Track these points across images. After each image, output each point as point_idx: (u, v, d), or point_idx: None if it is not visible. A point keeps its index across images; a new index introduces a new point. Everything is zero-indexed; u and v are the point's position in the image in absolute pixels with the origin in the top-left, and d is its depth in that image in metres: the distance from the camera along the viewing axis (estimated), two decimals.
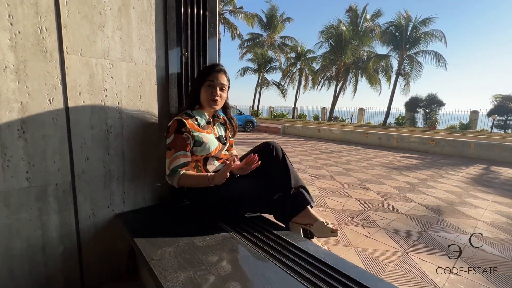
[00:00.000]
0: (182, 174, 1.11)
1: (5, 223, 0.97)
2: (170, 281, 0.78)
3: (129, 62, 1.20)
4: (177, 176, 1.11)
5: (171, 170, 1.12)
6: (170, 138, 1.13)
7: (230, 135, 1.38)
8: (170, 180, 1.14)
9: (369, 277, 0.82)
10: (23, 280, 1.03)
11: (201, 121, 1.21)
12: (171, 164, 1.12)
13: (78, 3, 1.04)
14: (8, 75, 0.92)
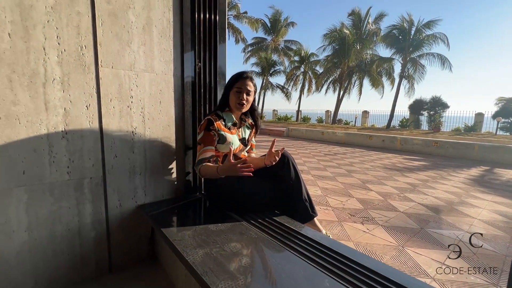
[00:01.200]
0: (203, 165, 1.29)
1: (50, 210, 1.16)
2: (191, 255, 0.94)
3: (151, 73, 1.38)
4: (199, 167, 1.30)
5: (198, 160, 1.31)
6: (201, 134, 1.33)
7: (254, 137, 1.56)
8: (196, 169, 1.34)
9: (358, 254, 0.97)
10: (63, 258, 1.21)
11: (228, 122, 1.39)
12: (199, 156, 1.31)
13: (110, 24, 1.23)
14: (55, 85, 1.11)
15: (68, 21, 1.12)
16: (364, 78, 19.68)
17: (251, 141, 1.57)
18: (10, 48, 1.01)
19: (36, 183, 1.11)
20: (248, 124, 1.54)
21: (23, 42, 1.03)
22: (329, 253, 0.97)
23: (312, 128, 14.23)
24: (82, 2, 1.14)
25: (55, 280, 1.20)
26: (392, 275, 0.83)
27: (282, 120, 21.48)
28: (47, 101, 1.10)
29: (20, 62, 1.03)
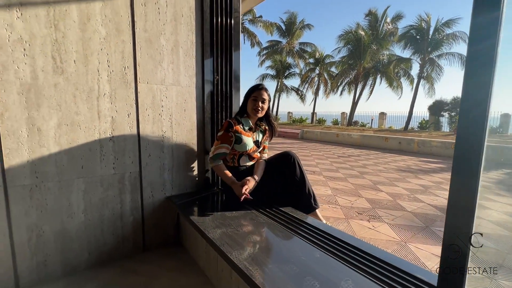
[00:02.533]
0: (219, 164, 1.55)
1: (100, 197, 1.45)
2: (211, 233, 1.19)
3: (177, 86, 1.66)
4: (215, 163, 1.56)
5: (214, 154, 1.57)
6: (220, 132, 1.60)
7: (268, 139, 1.79)
8: (210, 161, 1.60)
9: (358, 241, 1.17)
10: (109, 237, 1.51)
11: (245, 127, 1.65)
12: (215, 150, 1.57)
13: (146, 48, 1.52)
14: (106, 99, 1.41)
15: (115, 48, 1.42)
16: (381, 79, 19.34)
17: (264, 143, 1.80)
18: (75, 71, 1.32)
19: (91, 176, 1.41)
20: (262, 129, 1.77)
21: (83, 66, 1.34)
22: (322, 233, 1.18)
23: (326, 130, 14.22)
24: (126, 32, 1.44)
25: (102, 254, 1.50)
26: (376, 252, 1.03)
27: (297, 122, 21.53)
28: (99, 111, 1.40)
29: (81, 82, 1.34)
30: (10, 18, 1.15)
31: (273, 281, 0.86)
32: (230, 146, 1.60)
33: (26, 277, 1.30)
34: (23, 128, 1.22)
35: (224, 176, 1.59)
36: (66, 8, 1.27)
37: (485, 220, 2.90)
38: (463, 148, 0.66)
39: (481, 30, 0.62)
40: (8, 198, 1.21)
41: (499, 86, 0.62)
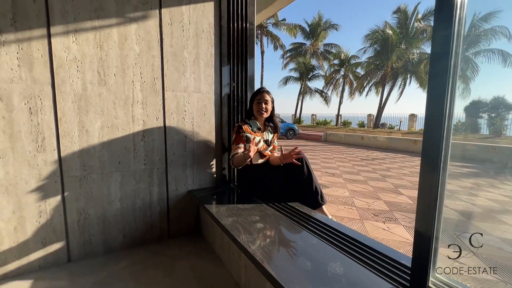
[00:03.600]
0: (234, 157, 1.74)
1: (133, 188, 1.71)
2: (224, 220, 1.37)
3: (198, 93, 1.88)
4: (232, 159, 1.75)
5: (232, 156, 1.76)
6: (233, 136, 1.80)
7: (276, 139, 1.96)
8: (230, 162, 1.79)
9: (353, 232, 1.28)
10: (140, 224, 1.76)
11: (253, 128, 1.83)
12: (233, 152, 1.76)
13: (172, 61, 1.76)
14: (139, 105, 1.67)
15: (147, 62, 1.67)
16: (411, 79, 18.41)
17: (274, 143, 1.96)
18: (115, 83, 1.59)
19: (126, 170, 1.68)
20: (271, 129, 1.94)
21: (121, 78, 1.61)
22: (321, 224, 1.30)
23: (351, 133, 13.88)
24: (155, 48, 1.69)
25: (134, 238, 1.75)
26: (365, 240, 1.14)
27: (320, 125, 21.23)
28: (133, 116, 1.66)
29: (119, 91, 1.61)
30: (68, 42, 1.45)
31: (272, 259, 1.01)
32: (244, 144, 1.78)
33: (75, 252, 1.58)
34: (75, 130, 1.51)
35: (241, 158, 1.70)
36: (109, 31, 1.55)
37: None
38: (427, 146, 0.77)
39: (440, 46, 0.73)
40: (63, 186, 1.51)
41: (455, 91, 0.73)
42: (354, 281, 0.88)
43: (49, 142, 1.45)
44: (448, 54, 0.72)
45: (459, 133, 14.13)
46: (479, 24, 14.25)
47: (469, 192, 4.14)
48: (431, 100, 0.76)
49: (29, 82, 1.37)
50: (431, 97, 0.76)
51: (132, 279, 1.41)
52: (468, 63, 14.30)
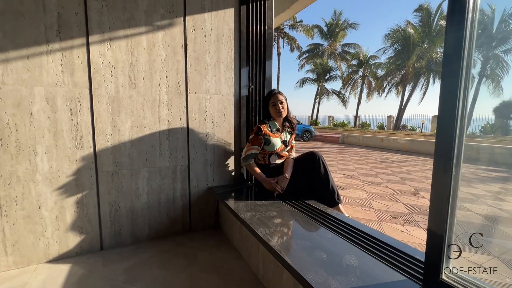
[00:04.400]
0: (251, 163, 1.81)
1: (158, 184, 1.84)
2: (243, 215, 1.45)
3: (218, 95, 1.99)
4: (247, 162, 1.82)
5: (246, 155, 1.82)
6: (251, 136, 1.84)
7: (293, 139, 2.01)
8: (243, 161, 1.85)
9: (367, 228, 1.31)
10: (164, 217, 1.88)
11: (273, 129, 1.89)
12: (247, 151, 1.82)
13: (195, 65, 1.87)
14: (164, 106, 1.80)
15: (172, 66, 1.80)
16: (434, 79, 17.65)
17: (291, 143, 2.01)
18: (143, 86, 1.73)
19: (152, 166, 1.81)
20: (289, 130, 1.99)
21: (149, 82, 1.74)
22: (337, 221, 1.34)
23: (370, 135, 13.56)
24: (179, 54, 1.81)
25: (159, 230, 1.88)
26: (379, 235, 1.17)
27: (338, 127, 20.87)
28: (159, 116, 1.79)
29: (147, 94, 1.74)
30: (103, 49, 1.60)
31: (289, 250, 1.07)
32: (260, 147, 1.83)
33: (107, 241, 1.73)
34: (108, 129, 1.66)
35: (255, 174, 1.83)
36: (139, 38, 1.69)
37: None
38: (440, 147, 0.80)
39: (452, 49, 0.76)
40: (98, 180, 1.66)
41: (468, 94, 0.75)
42: (368, 272, 0.92)
43: (86, 140, 1.60)
44: (460, 56, 0.75)
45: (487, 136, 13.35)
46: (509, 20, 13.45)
47: (496, 197, 3.95)
48: (443, 102, 0.79)
49: (71, 86, 1.54)
50: (444, 98, 0.79)
51: (159, 267, 1.52)
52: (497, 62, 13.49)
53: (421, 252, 1.01)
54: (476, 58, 14.98)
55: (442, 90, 0.79)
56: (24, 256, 1.51)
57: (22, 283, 1.38)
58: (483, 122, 15.18)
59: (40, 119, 1.48)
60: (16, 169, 1.45)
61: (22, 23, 1.40)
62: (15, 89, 1.41)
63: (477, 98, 14.67)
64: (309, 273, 0.90)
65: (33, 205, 1.51)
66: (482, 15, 14.47)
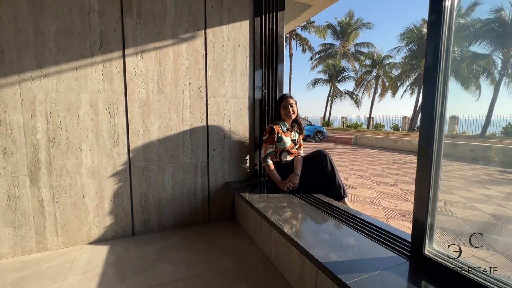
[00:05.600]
0: (269, 163, 2.00)
1: (182, 178, 2.07)
2: (257, 204, 1.65)
3: (235, 98, 2.20)
4: (266, 163, 2.01)
5: (265, 155, 2.01)
6: (266, 136, 2.03)
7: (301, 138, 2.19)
8: (262, 161, 2.05)
9: (367, 217, 1.47)
10: (186, 208, 2.11)
11: (284, 128, 2.08)
12: (266, 151, 2.01)
13: (214, 72, 2.10)
14: (187, 109, 2.03)
15: (194, 73, 2.03)
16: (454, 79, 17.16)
17: (300, 141, 2.19)
18: (169, 92, 1.96)
19: (176, 163, 2.04)
20: (297, 129, 2.17)
21: (174, 88, 1.98)
22: (341, 211, 1.51)
23: (383, 136, 13.40)
24: (201, 62, 2.04)
25: (182, 220, 2.11)
26: (378, 223, 1.33)
27: (350, 128, 20.69)
28: (183, 118, 2.02)
29: (173, 98, 1.98)
30: (137, 60, 1.85)
31: (298, 232, 1.26)
32: (274, 145, 2.03)
33: (138, 228, 1.97)
34: (140, 129, 1.90)
35: (272, 175, 2.01)
36: (166, 50, 1.93)
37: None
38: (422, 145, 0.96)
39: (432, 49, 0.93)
40: (131, 174, 1.91)
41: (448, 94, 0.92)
42: (363, 249, 1.09)
43: (122, 139, 1.86)
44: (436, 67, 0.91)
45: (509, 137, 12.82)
46: None
47: (510, 198, 3.92)
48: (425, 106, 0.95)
49: (110, 92, 1.79)
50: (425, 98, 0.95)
51: (183, 250, 1.75)
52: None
53: (409, 234, 1.17)
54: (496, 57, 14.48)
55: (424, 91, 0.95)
56: (71, 237, 1.78)
57: (71, 259, 1.64)
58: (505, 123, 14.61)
59: (85, 120, 1.74)
60: (65, 163, 1.72)
61: (72, 40, 1.67)
62: (66, 96, 1.68)
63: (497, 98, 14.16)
64: (314, 250, 1.08)
65: (78, 194, 1.77)
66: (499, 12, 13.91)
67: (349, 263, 0.99)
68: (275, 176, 2.00)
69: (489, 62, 15.38)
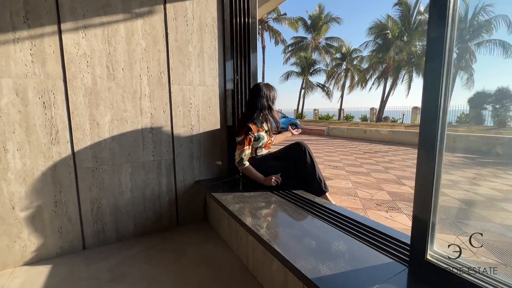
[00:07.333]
0: (247, 166, 1.78)
1: (143, 179, 1.78)
2: (231, 207, 1.43)
3: (203, 86, 1.93)
4: (243, 166, 1.78)
5: (240, 158, 1.78)
6: (240, 137, 1.80)
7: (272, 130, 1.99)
8: (238, 165, 1.81)
9: (355, 214, 1.34)
10: (150, 213, 1.83)
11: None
12: (241, 154, 1.78)
13: (177, 55, 1.81)
14: (146, 98, 1.73)
15: (153, 56, 1.72)
16: (413, 72, 18.24)
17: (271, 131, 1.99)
18: (123, 77, 1.64)
19: (136, 161, 1.74)
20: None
21: (129, 72, 1.66)
22: (324, 208, 1.36)
23: (354, 127, 13.86)
24: (161, 43, 1.74)
25: (145, 227, 1.83)
26: (366, 221, 1.19)
27: (323, 119, 21.19)
28: (141, 109, 1.72)
29: (127, 85, 1.66)
30: (78, 38, 1.50)
31: (279, 239, 1.07)
32: (251, 145, 1.81)
33: (90, 240, 1.66)
34: (86, 123, 1.57)
35: (254, 176, 1.80)
36: (116, 27, 1.60)
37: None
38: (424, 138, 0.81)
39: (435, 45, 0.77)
40: (77, 177, 1.57)
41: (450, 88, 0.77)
42: (355, 256, 0.93)
43: (62, 135, 1.51)
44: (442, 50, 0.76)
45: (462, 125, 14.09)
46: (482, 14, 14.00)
47: (471, 182, 4.17)
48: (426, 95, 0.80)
49: (42, 77, 1.43)
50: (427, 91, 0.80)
51: (145, 263, 1.48)
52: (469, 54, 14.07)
53: (406, 235, 1.04)
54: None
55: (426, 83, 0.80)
56: None
57: None
58: (459, 113, 15.95)
59: (10, 113, 1.37)
60: None
61: None
62: None
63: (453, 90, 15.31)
64: (299, 261, 0.90)
65: (6, 205, 1.41)
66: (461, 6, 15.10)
67: (341, 276, 0.83)
68: (257, 176, 1.80)
69: None
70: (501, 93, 14.25)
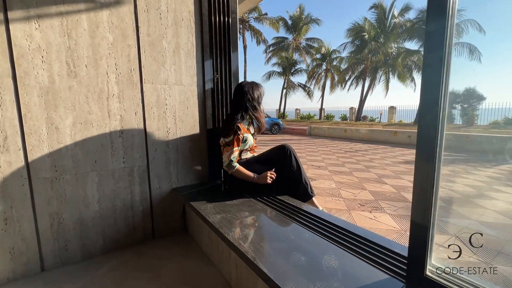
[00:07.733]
0: (237, 168, 1.64)
1: (112, 188, 1.60)
2: (212, 217, 1.30)
3: (180, 85, 1.78)
4: (233, 168, 1.64)
5: (230, 160, 1.64)
6: (229, 138, 1.65)
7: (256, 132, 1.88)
8: (227, 168, 1.67)
9: (345, 223, 1.26)
10: (121, 225, 1.65)
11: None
12: (230, 156, 1.64)
13: (150, 51, 1.64)
14: (115, 99, 1.55)
15: (122, 52, 1.55)
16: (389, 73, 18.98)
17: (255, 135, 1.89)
18: (87, 75, 1.46)
19: (103, 169, 1.56)
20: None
21: (94, 70, 1.47)
22: (313, 217, 1.27)
23: (335, 126, 14.13)
24: (131, 37, 1.57)
25: (116, 241, 1.64)
26: (358, 230, 1.12)
27: (304, 119, 21.46)
28: (109, 111, 1.54)
29: (92, 84, 1.48)
30: (29, 29, 1.30)
31: (264, 256, 0.96)
32: (239, 146, 1.69)
33: (50, 260, 1.45)
34: (43, 127, 1.37)
35: (246, 176, 1.66)
36: (78, 18, 1.41)
37: (489, 210, 2.90)
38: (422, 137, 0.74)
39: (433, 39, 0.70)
40: (32, 189, 1.37)
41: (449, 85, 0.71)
42: (350, 273, 0.85)
43: (12, 141, 1.30)
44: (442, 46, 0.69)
45: None
46: None
47: (447, 179, 4.33)
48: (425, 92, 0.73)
49: None
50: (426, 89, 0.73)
51: (118, 284, 1.31)
52: None
53: (401, 245, 0.98)
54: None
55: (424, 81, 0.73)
56: None
57: None
58: None
59: None
60: None
61: None
62: None
63: None
64: (288, 283, 0.80)
65: None
66: None
67: None
68: (250, 175, 1.66)
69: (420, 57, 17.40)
70: (468, 93, 15.12)
